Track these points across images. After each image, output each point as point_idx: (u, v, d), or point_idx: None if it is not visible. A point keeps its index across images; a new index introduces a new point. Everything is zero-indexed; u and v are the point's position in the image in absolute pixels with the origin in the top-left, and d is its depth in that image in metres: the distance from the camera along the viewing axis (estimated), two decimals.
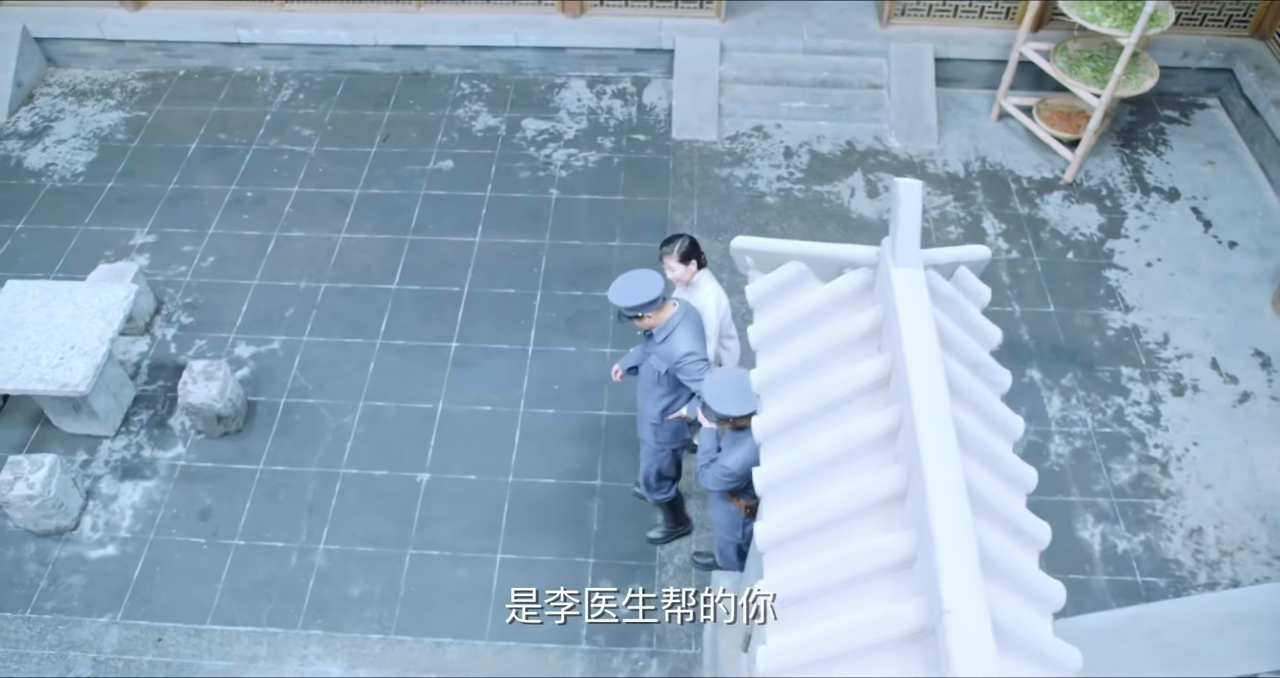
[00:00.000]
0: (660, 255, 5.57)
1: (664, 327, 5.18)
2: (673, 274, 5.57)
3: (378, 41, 9.22)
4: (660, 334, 5.20)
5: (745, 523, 5.23)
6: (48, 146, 8.98)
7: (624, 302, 5.05)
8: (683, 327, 5.15)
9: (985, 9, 8.90)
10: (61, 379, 6.23)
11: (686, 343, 5.11)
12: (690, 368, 5.12)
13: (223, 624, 6.05)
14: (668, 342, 5.16)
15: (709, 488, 5.00)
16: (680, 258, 5.50)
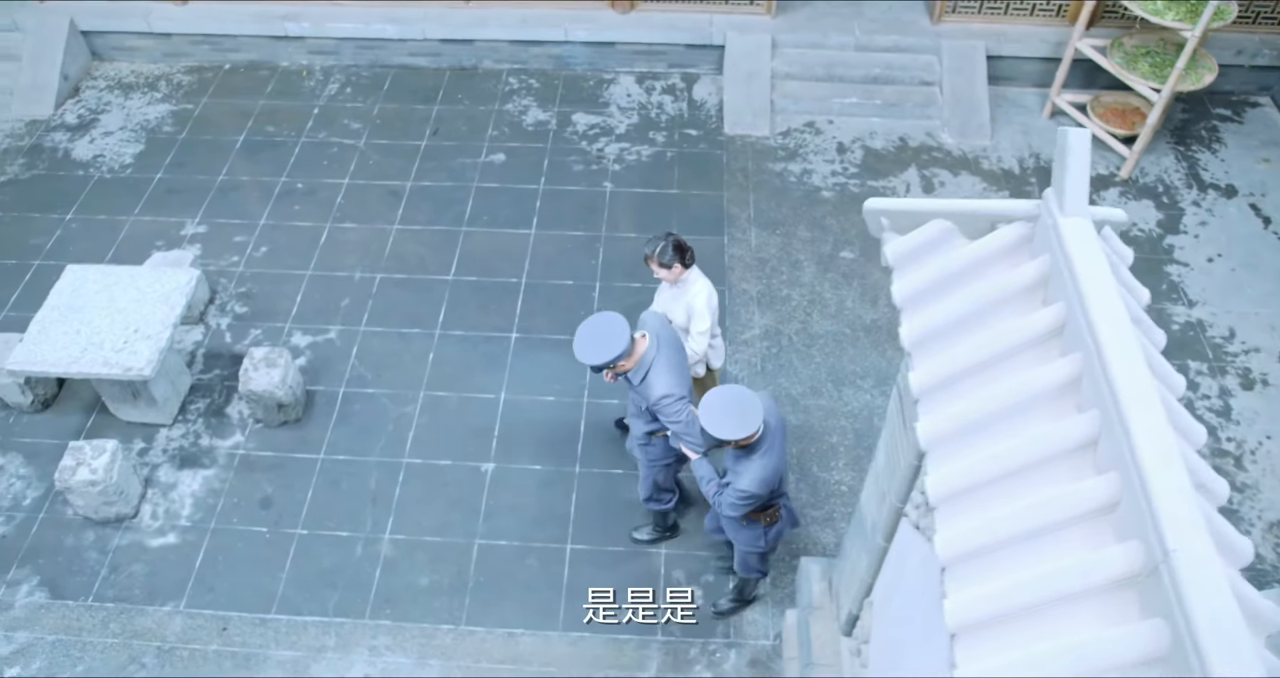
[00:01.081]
0: (644, 257, 5.39)
1: (639, 367, 4.92)
2: (658, 275, 5.40)
3: (426, 36, 9.17)
4: (636, 376, 4.94)
5: (766, 531, 5.13)
6: (95, 138, 8.90)
7: (594, 359, 4.75)
8: (658, 364, 4.88)
9: (1037, 6, 8.88)
10: (126, 363, 6.13)
11: (663, 384, 4.85)
12: (668, 410, 4.88)
13: (288, 614, 5.93)
14: (645, 382, 4.92)
15: (731, 516, 4.87)
16: (661, 264, 5.31)
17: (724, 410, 4.43)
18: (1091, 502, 2.54)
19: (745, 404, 4.48)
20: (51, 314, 6.41)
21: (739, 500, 4.69)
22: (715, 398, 4.49)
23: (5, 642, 5.84)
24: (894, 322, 7.16)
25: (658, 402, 4.87)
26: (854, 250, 7.84)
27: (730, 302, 7.46)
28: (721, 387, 4.58)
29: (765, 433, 4.58)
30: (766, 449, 4.59)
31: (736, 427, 4.41)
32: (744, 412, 4.44)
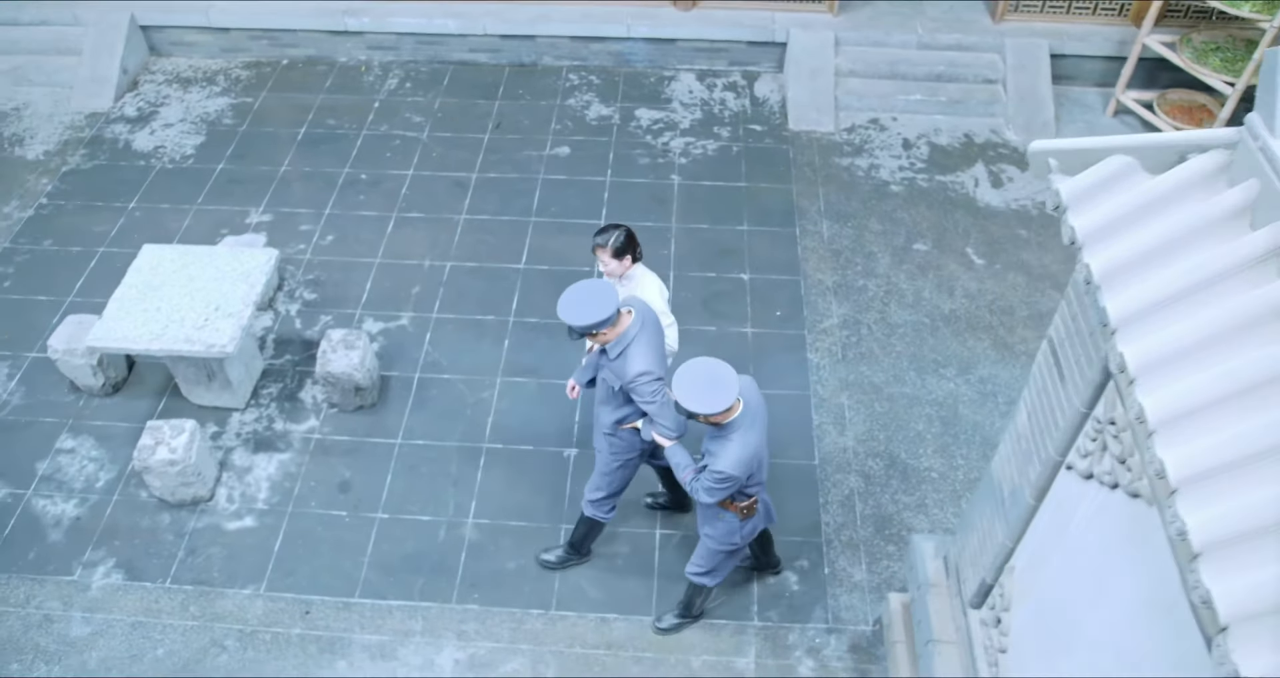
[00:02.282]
0: (593, 246, 5.16)
1: (619, 341, 4.65)
2: (605, 268, 5.18)
3: (487, 31, 9.15)
4: (614, 349, 4.67)
5: (742, 526, 4.88)
6: (155, 130, 8.84)
7: (578, 320, 4.47)
8: (639, 341, 4.65)
9: (1100, 5, 8.90)
10: (208, 340, 6.02)
11: (641, 361, 4.62)
12: (644, 389, 4.64)
13: (372, 598, 5.78)
14: (622, 358, 4.65)
15: (707, 501, 4.60)
16: (614, 253, 5.08)
17: (697, 382, 4.20)
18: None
19: (720, 377, 4.25)
20: (129, 292, 6.30)
21: (715, 484, 4.44)
22: (689, 370, 4.26)
23: (83, 623, 5.69)
24: (974, 312, 7.10)
25: (635, 379, 4.61)
26: (927, 243, 7.77)
27: (806, 292, 7.38)
28: (695, 359, 4.34)
29: (743, 412, 4.38)
30: (745, 429, 4.38)
31: (710, 400, 4.17)
32: (718, 385, 4.21)
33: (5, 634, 5.64)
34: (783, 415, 6.61)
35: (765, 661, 5.49)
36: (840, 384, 6.79)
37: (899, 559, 5.91)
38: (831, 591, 5.78)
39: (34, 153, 8.66)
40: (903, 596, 5.53)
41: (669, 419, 4.72)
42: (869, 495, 6.21)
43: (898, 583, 5.79)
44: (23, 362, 7.01)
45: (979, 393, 6.75)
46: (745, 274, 7.51)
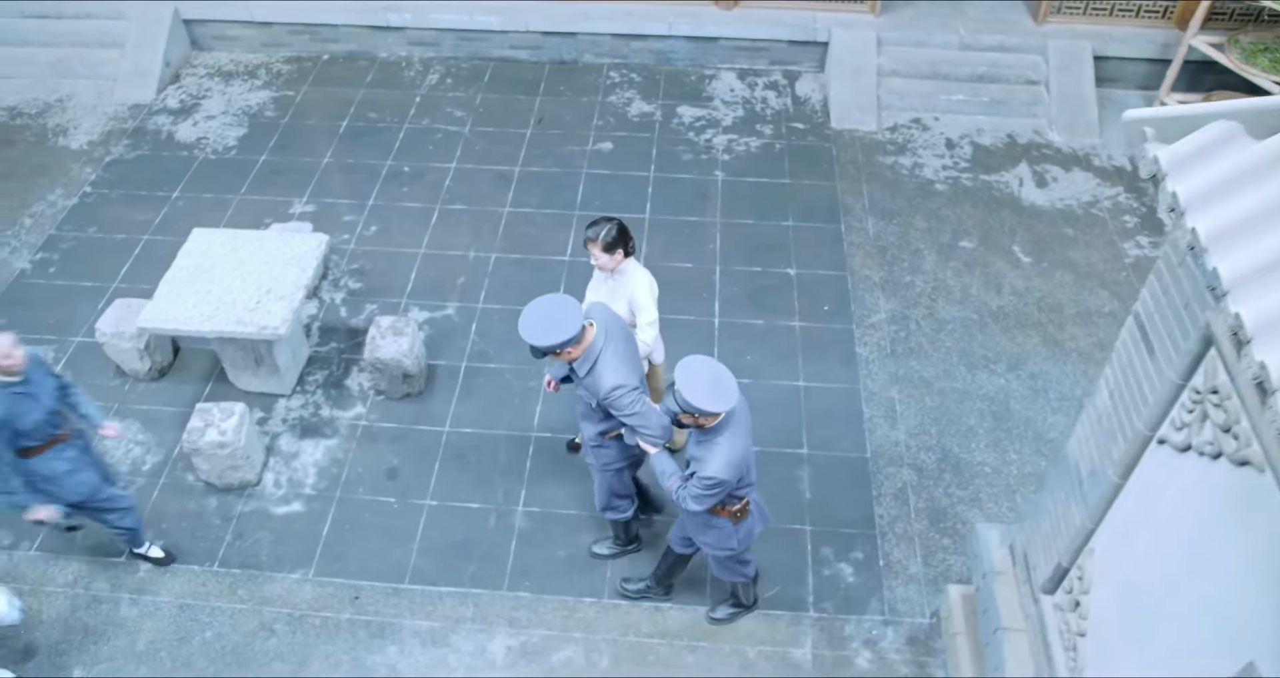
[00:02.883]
0: (584, 240, 5.06)
1: (586, 357, 4.46)
2: (597, 262, 5.07)
3: (529, 28, 9.16)
4: (583, 367, 4.48)
5: (736, 530, 4.74)
6: (198, 122, 8.86)
7: (541, 340, 4.29)
8: (606, 353, 4.46)
9: (1143, 8, 8.88)
10: (261, 321, 5.99)
11: (612, 375, 4.43)
12: (621, 402, 4.44)
13: (422, 584, 5.71)
14: (592, 374, 4.48)
15: (695, 508, 4.43)
16: (605, 247, 4.98)
17: (703, 380, 4.12)
18: None
19: (723, 376, 4.19)
20: (180, 274, 6.28)
21: (705, 490, 4.30)
22: (694, 368, 4.17)
23: (131, 605, 5.64)
24: (1023, 309, 7.05)
25: (609, 394, 4.44)
26: (973, 240, 7.73)
27: (854, 287, 7.34)
28: (695, 358, 4.22)
29: (730, 414, 4.26)
30: (732, 431, 4.26)
31: (717, 398, 4.09)
32: (723, 384, 4.15)
33: (54, 614, 5.59)
34: (832, 408, 6.57)
35: (822, 652, 5.41)
36: (890, 378, 6.74)
37: (955, 552, 5.84)
38: (887, 583, 5.70)
39: (78, 143, 8.68)
40: (962, 587, 5.46)
41: (652, 427, 4.55)
42: (922, 489, 6.14)
43: (954, 576, 5.72)
44: (68, 346, 6.98)
45: (1030, 389, 6.69)
46: (791, 269, 7.47)
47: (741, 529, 4.75)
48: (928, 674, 5.34)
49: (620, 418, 4.58)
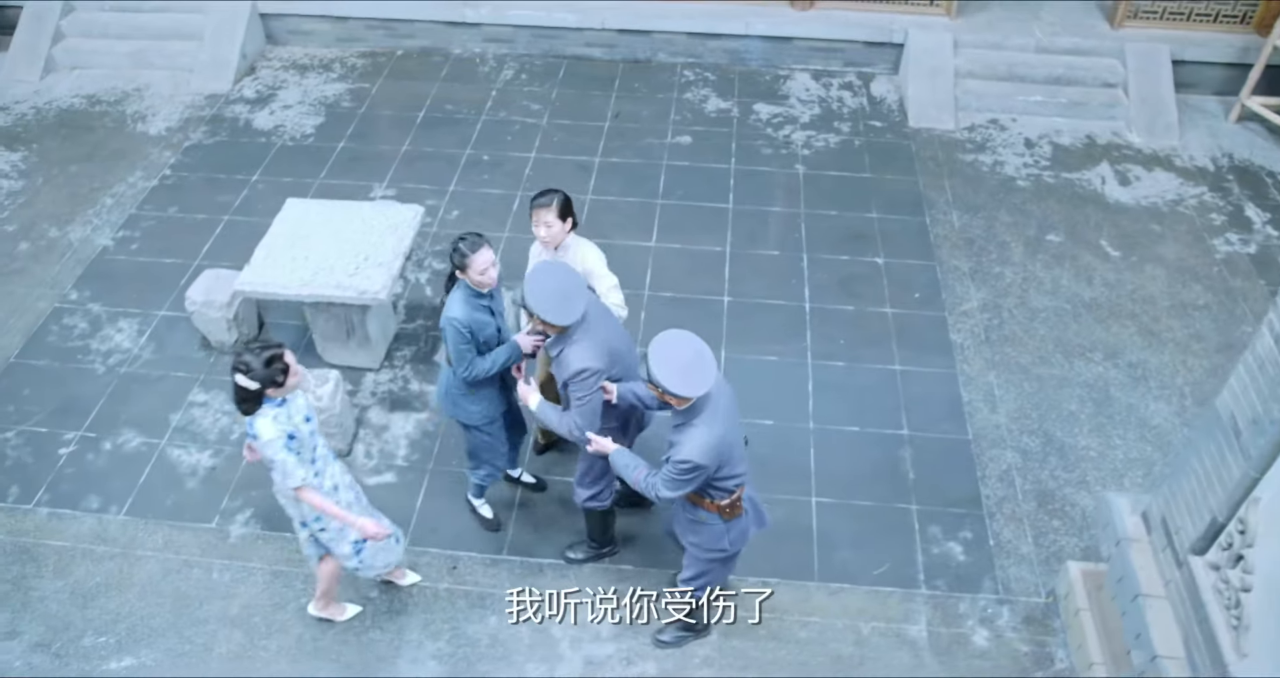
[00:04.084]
0: (531, 210, 4.90)
1: (562, 338, 4.41)
2: (547, 231, 4.88)
3: (605, 25, 9.21)
4: (555, 347, 4.43)
5: (729, 528, 4.41)
6: (274, 111, 8.89)
7: (557, 318, 4.16)
8: (583, 337, 4.36)
9: (1221, 13, 8.89)
10: (360, 286, 5.92)
11: (582, 357, 4.33)
12: (581, 385, 4.36)
13: (521, 556, 5.56)
14: (562, 356, 4.40)
15: (667, 495, 4.13)
16: (560, 212, 4.85)
17: (677, 360, 3.87)
18: None
19: (703, 358, 3.92)
20: (277, 241, 6.23)
21: (679, 475, 4.01)
22: (670, 345, 3.92)
23: (223, 570, 5.51)
24: (1116, 301, 6.96)
25: (574, 376, 4.35)
26: (1059, 235, 7.66)
27: (943, 276, 7.27)
28: (673, 333, 3.99)
29: (705, 397, 3.99)
30: (709, 416, 4.00)
31: (690, 380, 3.86)
32: (700, 365, 3.89)
33: (144, 578, 5.47)
34: (930, 392, 6.47)
35: (937, 629, 5.25)
36: (986, 364, 6.64)
37: (1066, 533, 5.69)
38: (999, 562, 5.55)
39: (156, 129, 8.70)
40: (1082, 564, 5.31)
41: (585, 421, 4.43)
42: (1027, 471, 6.01)
43: (1067, 557, 5.55)
44: (152, 319, 6.92)
45: (1130, 377, 6.58)
46: (879, 258, 7.40)
47: (734, 529, 4.45)
48: (1048, 653, 5.16)
49: (573, 401, 4.44)
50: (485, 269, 4.57)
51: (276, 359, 4.14)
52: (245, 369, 4.09)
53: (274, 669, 5.09)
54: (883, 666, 5.09)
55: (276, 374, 4.14)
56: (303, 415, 4.37)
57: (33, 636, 5.20)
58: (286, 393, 4.27)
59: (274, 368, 4.13)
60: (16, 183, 8.11)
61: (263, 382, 4.12)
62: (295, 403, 4.35)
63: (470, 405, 5.00)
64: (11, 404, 6.36)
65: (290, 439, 4.28)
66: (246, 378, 4.10)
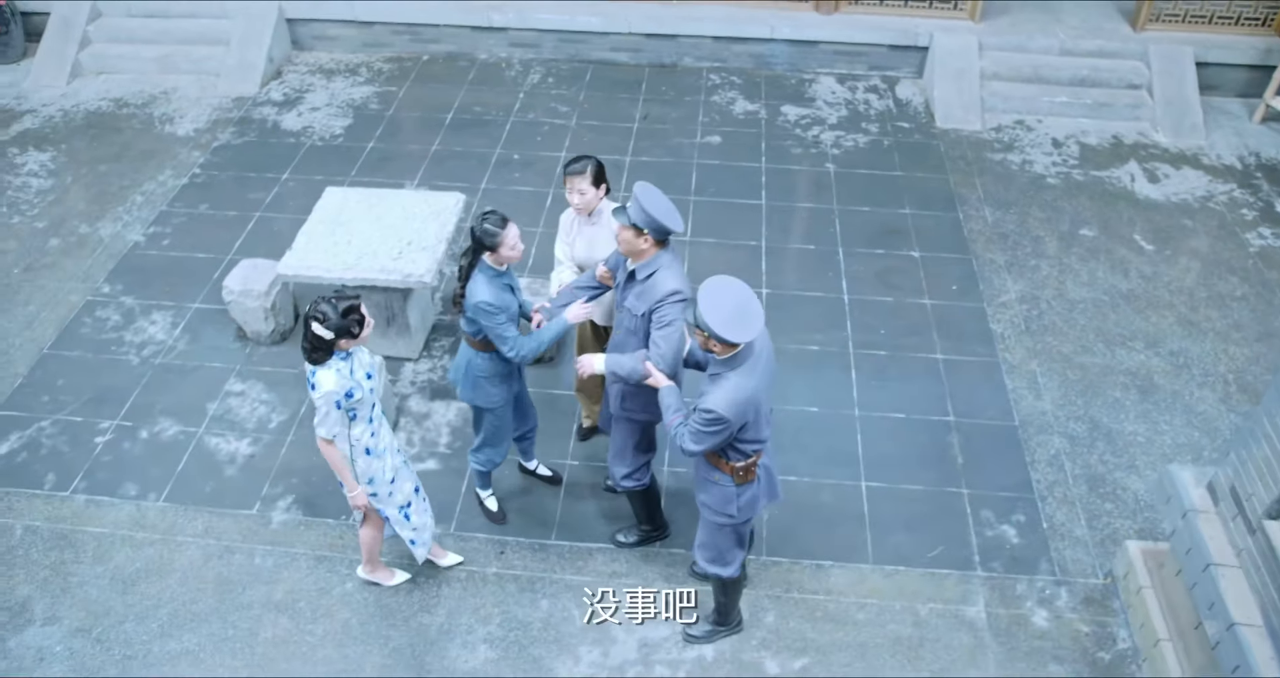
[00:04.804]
0: (565, 177, 4.90)
1: (652, 262, 4.37)
2: (581, 198, 4.87)
3: (631, 29, 9.26)
4: (645, 270, 4.39)
5: (739, 493, 4.31)
6: (302, 113, 8.89)
7: (726, 331, 3.80)
8: (674, 262, 4.41)
9: (1242, 15, 8.98)
10: (405, 270, 5.88)
11: (675, 279, 4.33)
12: (670, 310, 4.30)
13: (570, 541, 5.47)
14: (653, 278, 4.36)
15: (691, 448, 4.07)
16: (594, 179, 4.85)
17: (727, 303, 3.79)
18: None
19: (750, 305, 3.85)
20: (317, 227, 6.19)
21: (703, 426, 3.94)
22: (719, 288, 3.85)
23: (266, 555, 5.41)
24: (1154, 292, 6.96)
25: (666, 297, 4.29)
26: (1093, 229, 7.67)
27: (979, 269, 7.27)
28: (722, 278, 3.92)
29: (746, 350, 3.94)
30: (746, 370, 3.94)
31: (738, 327, 3.78)
32: (749, 312, 3.83)
33: (185, 563, 5.36)
34: (974, 380, 6.43)
35: (996, 610, 5.16)
36: (1028, 352, 6.60)
37: (1119, 516, 5.63)
38: (1054, 544, 5.48)
39: (184, 130, 8.69)
40: (1141, 543, 5.24)
41: (672, 349, 4.34)
42: (1076, 456, 5.96)
43: (1122, 538, 5.48)
44: (186, 311, 6.87)
45: (1172, 365, 6.55)
46: (915, 252, 7.39)
47: (745, 494, 4.33)
48: (1110, 633, 5.07)
49: (659, 328, 4.34)
50: (515, 244, 4.53)
51: (353, 311, 4.11)
52: (321, 318, 4.06)
53: (321, 655, 4.97)
54: (943, 647, 4.99)
55: (352, 325, 4.11)
56: (364, 372, 4.33)
57: (73, 621, 5.08)
58: (357, 345, 4.23)
59: (350, 319, 4.10)
60: (45, 181, 8.08)
61: (337, 332, 4.09)
62: (359, 357, 4.32)
63: (491, 389, 4.94)
64: (46, 394, 6.28)
65: (348, 397, 4.24)
66: (322, 327, 4.06)
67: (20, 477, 5.79)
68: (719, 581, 4.77)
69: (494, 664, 4.92)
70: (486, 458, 5.30)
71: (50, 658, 4.93)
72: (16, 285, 7.08)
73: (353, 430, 4.44)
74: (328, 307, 4.08)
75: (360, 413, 4.36)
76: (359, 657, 4.95)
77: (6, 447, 5.96)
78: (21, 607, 5.15)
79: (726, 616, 4.99)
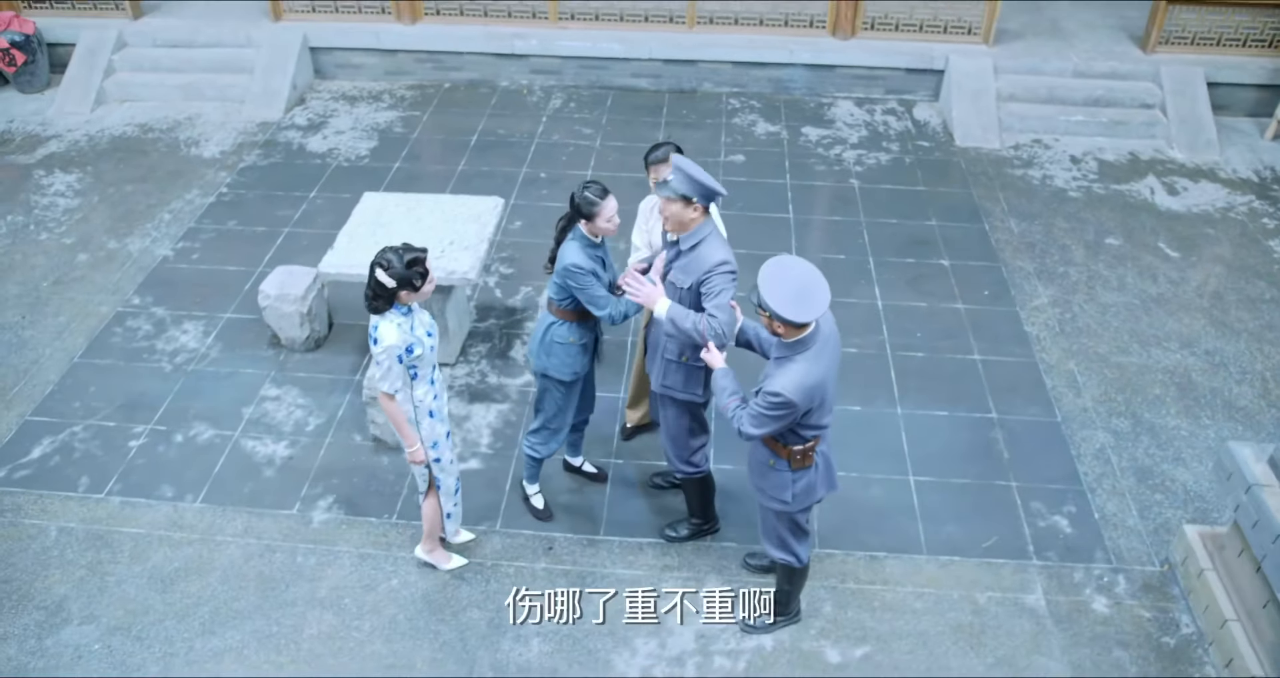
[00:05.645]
0: (648, 166, 4.97)
1: (696, 232, 4.35)
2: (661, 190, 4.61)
3: (652, 55, 9.41)
4: (689, 241, 4.36)
5: (795, 479, 4.19)
6: (327, 136, 8.96)
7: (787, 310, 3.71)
8: (716, 235, 4.41)
9: (1250, 37, 9.19)
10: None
11: (719, 251, 4.30)
12: (719, 280, 4.25)
13: (620, 536, 5.39)
14: (698, 249, 4.34)
15: (750, 432, 3.95)
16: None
17: (789, 282, 3.69)
18: None
19: (815, 283, 3.74)
20: (358, 229, 6.21)
21: (767, 409, 3.82)
22: (782, 266, 3.76)
23: (308, 554, 5.30)
24: (1184, 295, 7.00)
25: (715, 268, 4.24)
26: (1117, 238, 7.74)
27: (1009, 276, 7.31)
28: (787, 257, 3.85)
29: (815, 333, 3.87)
30: (814, 354, 3.85)
31: (801, 307, 3.66)
32: (814, 291, 3.71)
33: (226, 562, 5.25)
34: (1013, 379, 6.43)
35: (1055, 598, 5.08)
36: (1064, 353, 6.61)
37: (1170, 507, 5.58)
38: (1107, 534, 5.42)
39: (210, 152, 8.74)
40: (1199, 527, 5.19)
41: (725, 321, 4.23)
42: (1121, 449, 5.93)
43: (1175, 527, 5.43)
44: (218, 321, 6.83)
45: (1209, 364, 6.56)
46: (945, 261, 7.44)
47: (800, 481, 4.22)
48: (1172, 618, 4.99)
49: (709, 299, 4.28)
50: (612, 216, 4.53)
51: (418, 263, 4.11)
52: (386, 265, 4.06)
53: (369, 650, 4.84)
54: (1005, 633, 4.90)
55: (415, 277, 4.11)
56: (425, 329, 4.32)
57: (111, 620, 4.95)
58: (418, 300, 4.22)
59: (413, 270, 4.10)
60: (72, 201, 8.09)
61: (400, 281, 4.09)
62: (420, 316, 4.32)
63: (567, 357, 4.88)
64: (77, 400, 6.21)
65: (409, 352, 4.21)
66: (386, 274, 4.07)
67: (53, 480, 5.69)
68: (785, 569, 4.69)
69: (549, 658, 4.79)
70: (543, 442, 5.22)
71: (88, 656, 4.79)
72: (46, 297, 7.04)
73: (415, 391, 4.43)
74: (393, 255, 4.09)
75: (421, 372, 4.35)
76: (408, 652, 4.82)
77: (39, 451, 5.86)
78: (58, 606, 5.02)
79: (787, 605, 4.89)
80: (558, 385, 5.00)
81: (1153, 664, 4.77)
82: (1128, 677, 4.72)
